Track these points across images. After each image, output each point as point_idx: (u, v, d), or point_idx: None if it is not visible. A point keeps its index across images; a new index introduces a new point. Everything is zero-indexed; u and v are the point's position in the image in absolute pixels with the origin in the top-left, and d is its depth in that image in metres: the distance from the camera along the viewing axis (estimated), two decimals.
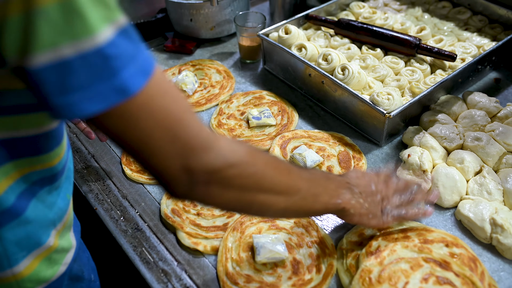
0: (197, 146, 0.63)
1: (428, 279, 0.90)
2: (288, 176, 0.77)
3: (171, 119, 0.60)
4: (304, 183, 0.79)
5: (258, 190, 0.73)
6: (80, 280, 0.98)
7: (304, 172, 0.83)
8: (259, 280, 0.96)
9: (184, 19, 1.63)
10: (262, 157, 0.74)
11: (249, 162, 0.70)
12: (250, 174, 0.70)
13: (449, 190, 1.09)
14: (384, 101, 1.19)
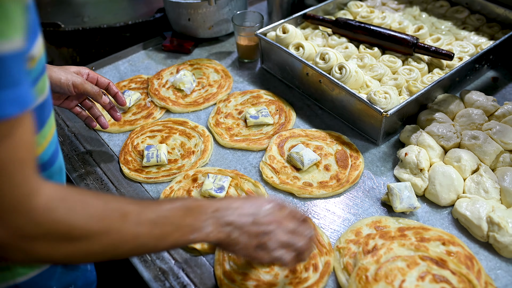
0: (5, 208, 0.58)
1: (424, 277, 0.90)
2: (122, 228, 0.70)
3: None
4: (143, 229, 0.71)
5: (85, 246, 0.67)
6: (75, 269, 1.00)
7: (148, 214, 0.73)
8: (256, 278, 0.96)
9: (182, 19, 1.63)
10: (87, 212, 0.66)
11: (66, 221, 0.64)
12: (65, 233, 0.64)
13: (446, 188, 1.09)
14: (381, 100, 1.19)
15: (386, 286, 0.89)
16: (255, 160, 1.25)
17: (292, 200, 1.14)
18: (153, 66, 1.60)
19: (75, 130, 1.35)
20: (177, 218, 0.76)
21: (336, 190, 1.14)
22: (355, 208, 1.12)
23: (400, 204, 1.07)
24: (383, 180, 1.18)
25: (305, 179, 1.17)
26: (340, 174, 1.18)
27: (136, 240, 0.71)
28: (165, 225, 0.74)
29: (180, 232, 0.76)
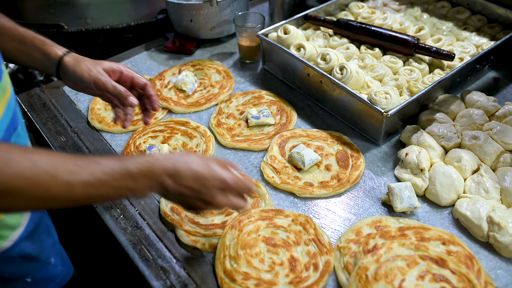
0: None
1: (424, 277, 0.91)
2: (50, 187, 0.71)
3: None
4: (76, 189, 0.73)
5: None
6: (35, 260, 1.03)
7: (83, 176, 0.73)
8: (256, 277, 0.97)
9: (184, 20, 1.64)
10: (12, 170, 0.68)
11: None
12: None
13: (447, 188, 1.10)
14: (382, 100, 1.20)
15: (386, 285, 0.89)
16: (256, 160, 1.25)
17: (293, 200, 1.14)
18: (155, 67, 1.61)
19: (77, 130, 1.36)
20: (117, 182, 0.77)
21: (337, 190, 1.15)
22: (355, 208, 1.12)
23: (401, 204, 1.07)
24: (383, 180, 1.18)
25: (306, 179, 1.18)
26: (341, 174, 1.18)
27: (67, 198, 0.73)
28: (102, 187, 0.76)
29: (117, 192, 0.79)
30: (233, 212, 1.10)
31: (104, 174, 0.75)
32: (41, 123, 1.38)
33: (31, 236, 1.00)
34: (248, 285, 0.95)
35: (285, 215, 1.08)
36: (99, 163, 0.76)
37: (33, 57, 1.07)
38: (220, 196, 0.88)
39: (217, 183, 0.86)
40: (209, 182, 0.85)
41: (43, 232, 1.06)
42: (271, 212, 1.09)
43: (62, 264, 1.13)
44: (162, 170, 0.81)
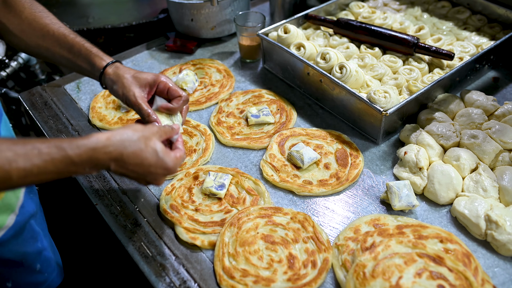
0: None
1: (421, 274, 0.91)
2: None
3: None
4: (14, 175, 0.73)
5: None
6: (16, 265, 1.03)
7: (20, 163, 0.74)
8: (255, 274, 0.97)
9: (185, 19, 1.64)
10: None
11: None
12: None
13: (445, 187, 1.10)
14: (381, 99, 1.20)
15: (383, 283, 0.90)
16: (256, 159, 1.26)
17: (292, 198, 1.15)
18: (156, 66, 1.62)
19: (78, 128, 1.37)
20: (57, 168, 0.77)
21: (336, 188, 1.15)
22: (354, 206, 1.13)
23: (399, 202, 1.08)
24: (382, 178, 1.19)
25: (305, 177, 1.18)
26: (340, 173, 1.19)
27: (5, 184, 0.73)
28: (42, 174, 0.75)
29: (58, 176, 0.79)
30: (232, 210, 1.11)
31: (43, 162, 0.75)
32: (42, 121, 1.39)
33: (12, 242, 1.00)
34: (247, 282, 0.96)
35: (284, 213, 1.09)
36: (39, 150, 0.75)
37: (80, 66, 1.10)
38: (162, 179, 0.93)
39: (161, 171, 0.90)
40: (154, 169, 0.89)
41: (29, 238, 1.06)
42: (270, 210, 1.09)
43: (50, 271, 1.13)
44: (106, 156, 0.82)
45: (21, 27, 1.09)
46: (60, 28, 1.10)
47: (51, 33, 1.08)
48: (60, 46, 1.08)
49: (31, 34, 1.09)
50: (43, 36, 1.09)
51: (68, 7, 1.85)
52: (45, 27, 1.09)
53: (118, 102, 1.41)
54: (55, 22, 1.10)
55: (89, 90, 1.51)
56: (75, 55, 1.09)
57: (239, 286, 0.95)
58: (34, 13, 1.10)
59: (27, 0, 1.11)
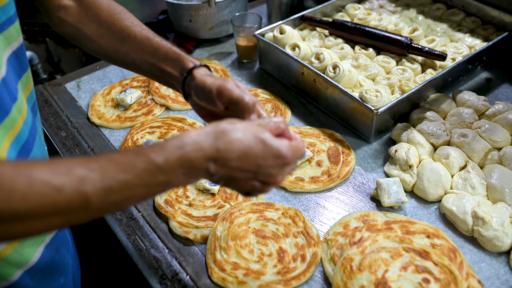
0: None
1: (407, 268, 0.93)
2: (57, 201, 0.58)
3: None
4: (95, 198, 0.60)
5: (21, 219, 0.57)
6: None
7: (97, 181, 0.60)
8: (245, 267, 1.00)
9: (183, 20, 1.67)
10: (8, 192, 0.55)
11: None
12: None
13: (434, 184, 1.12)
14: (373, 98, 1.23)
15: (369, 276, 0.92)
16: None
17: (284, 194, 1.17)
18: None
19: (77, 125, 1.40)
20: (143, 180, 0.64)
21: (327, 185, 1.18)
22: (344, 202, 1.15)
23: (388, 198, 1.10)
24: (373, 176, 1.21)
25: (297, 174, 1.21)
26: (332, 170, 1.21)
27: (85, 210, 0.60)
28: (127, 190, 0.62)
29: (149, 190, 0.66)
30: (225, 205, 1.14)
31: (123, 173, 0.61)
32: (42, 119, 1.43)
33: (37, 276, 0.89)
34: (237, 275, 0.98)
35: (276, 209, 1.11)
36: (116, 161, 0.62)
37: (164, 70, 0.97)
38: (279, 176, 0.74)
39: (273, 161, 0.72)
40: (264, 160, 0.71)
41: (54, 272, 0.95)
42: (262, 206, 1.12)
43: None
44: (200, 154, 0.66)
45: (99, 32, 1.00)
46: (143, 31, 0.99)
47: (133, 36, 0.98)
48: (142, 50, 0.97)
49: (109, 38, 0.99)
50: (123, 40, 0.98)
51: None
52: (125, 30, 0.98)
53: (116, 101, 1.44)
54: (136, 24, 1.00)
55: (89, 88, 1.54)
56: (160, 59, 0.96)
57: (229, 279, 0.98)
58: (113, 15, 1.00)
59: (105, 1, 1.03)
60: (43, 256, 0.90)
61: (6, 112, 0.76)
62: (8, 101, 0.77)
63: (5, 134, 0.74)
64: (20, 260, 0.84)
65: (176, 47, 0.98)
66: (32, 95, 0.93)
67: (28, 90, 0.90)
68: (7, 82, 0.77)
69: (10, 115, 0.77)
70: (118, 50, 1.00)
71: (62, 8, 1.01)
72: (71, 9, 1.02)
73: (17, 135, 0.79)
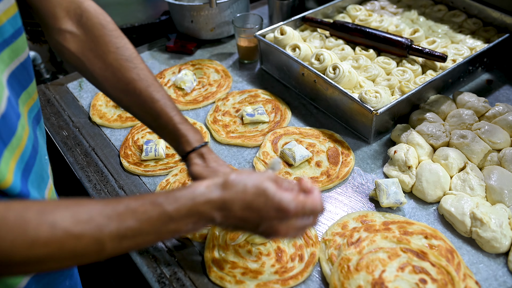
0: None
1: (404, 268, 0.93)
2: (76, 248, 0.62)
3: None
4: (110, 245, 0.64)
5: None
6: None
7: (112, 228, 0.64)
8: (243, 266, 1.00)
9: (185, 21, 1.68)
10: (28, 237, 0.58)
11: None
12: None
13: (433, 185, 1.12)
14: (372, 99, 1.23)
15: (367, 276, 0.92)
16: (249, 156, 1.29)
17: None
18: (157, 66, 1.65)
19: (79, 125, 1.41)
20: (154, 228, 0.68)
21: (326, 186, 1.18)
22: (343, 203, 1.15)
23: (387, 199, 1.10)
24: (372, 176, 1.21)
25: (296, 175, 1.21)
26: (331, 170, 1.21)
27: (99, 254, 0.65)
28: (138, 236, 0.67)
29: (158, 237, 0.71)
30: None
31: (138, 223, 0.66)
32: (45, 118, 1.44)
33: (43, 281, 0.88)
34: (235, 274, 0.99)
35: None
36: (132, 209, 0.66)
37: (163, 136, 1.00)
38: (281, 226, 0.75)
39: (274, 213, 0.74)
40: (266, 213, 0.73)
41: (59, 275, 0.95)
42: None
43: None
44: (207, 205, 0.71)
45: (104, 74, 0.94)
46: (148, 89, 0.94)
47: (138, 92, 0.94)
48: (144, 110, 0.96)
49: (114, 85, 0.95)
50: (127, 92, 0.95)
51: None
52: (130, 83, 0.94)
53: None
54: (143, 78, 0.94)
55: (91, 88, 1.55)
56: (160, 126, 0.97)
57: (227, 278, 0.98)
58: (120, 60, 0.94)
59: (114, 40, 0.95)
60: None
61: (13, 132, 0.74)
62: (14, 120, 0.75)
63: (11, 154, 0.73)
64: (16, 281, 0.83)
65: (179, 116, 0.96)
66: (37, 104, 0.89)
67: (33, 100, 0.87)
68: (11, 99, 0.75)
69: (17, 134, 0.75)
70: (121, 99, 0.97)
71: (64, 33, 0.93)
72: (72, 36, 0.94)
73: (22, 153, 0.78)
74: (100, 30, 0.94)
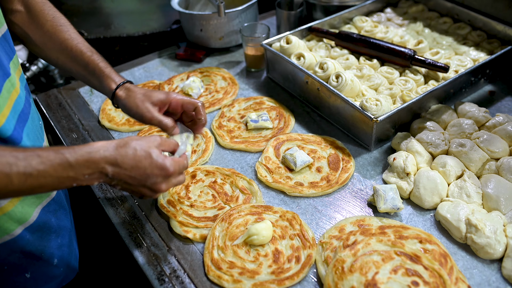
0: None
1: (397, 271, 0.95)
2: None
3: None
4: (16, 180, 0.76)
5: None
6: (35, 258, 1.06)
7: (21, 168, 0.76)
8: (241, 266, 1.03)
9: (195, 29, 1.73)
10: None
11: None
12: None
13: (430, 192, 1.14)
14: (372, 106, 1.26)
15: (360, 277, 0.94)
16: (252, 161, 1.32)
17: (283, 198, 1.20)
18: (166, 72, 1.70)
19: (88, 128, 1.46)
20: (56, 172, 0.79)
21: (326, 190, 1.21)
22: (342, 207, 1.17)
23: (384, 204, 1.12)
24: (371, 183, 1.24)
25: (297, 179, 1.24)
26: (331, 176, 1.24)
27: (7, 189, 0.75)
28: (42, 177, 0.78)
29: (59, 182, 0.81)
30: (225, 207, 1.17)
31: (42, 165, 0.77)
32: (55, 121, 1.49)
33: (36, 234, 1.03)
34: (233, 273, 1.01)
35: (274, 211, 1.14)
36: (38, 154, 0.78)
37: (93, 84, 1.15)
38: (163, 184, 0.93)
39: (158, 171, 0.91)
40: (150, 171, 0.90)
41: (51, 232, 1.09)
42: (260, 208, 1.15)
43: (66, 266, 1.16)
44: (102, 159, 0.84)
45: (43, 39, 1.13)
46: (78, 44, 1.13)
47: (69, 48, 1.12)
48: (76, 62, 1.13)
49: (51, 47, 1.13)
50: (61, 51, 1.13)
51: (88, 16, 1.95)
52: (63, 42, 1.12)
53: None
54: (74, 37, 1.13)
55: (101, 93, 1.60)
56: (89, 73, 1.13)
57: (225, 277, 1.01)
58: (55, 26, 1.13)
59: (50, 12, 1.15)
60: (40, 216, 1.04)
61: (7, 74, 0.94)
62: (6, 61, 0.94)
63: (6, 99, 0.91)
64: (21, 217, 0.99)
65: (105, 62, 1.14)
66: (23, 77, 1.09)
67: (19, 71, 1.07)
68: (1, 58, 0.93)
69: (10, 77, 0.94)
70: (58, 58, 1.15)
71: (14, 12, 1.12)
72: (20, 14, 1.13)
73: (15, 103, 0.95)
74: (41, 6, 1.14)
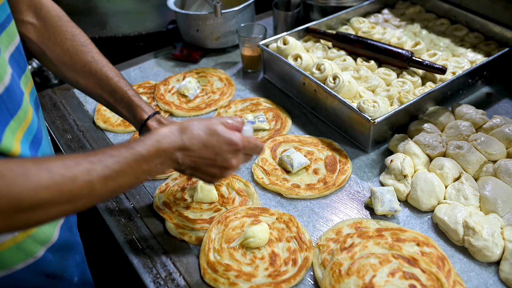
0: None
1: (395, 274, 0.94)
2: (73, 189, 0.70)
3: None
4: (98, 185, 0.72)
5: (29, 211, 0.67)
6: (57, 278, 1.01)
7: (99, 171, 0.73)
8: (237, 269, 1.02)
9: (191, 30, 1.72)
10: (31, 183, 0.66)
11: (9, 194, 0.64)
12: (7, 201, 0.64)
13: (427, 194, 1.14)
14: (370, 108, 1.25)
15: (357, 280, 0.94)
16: (248, 163, 1.31)
17: (279, 200, 1.19)
18: (162, 73, 1.69)
19: (83, 129, 1.44)
20: (132, 168, 0.77)
21: (322, 192, 1.20)
22: (339, 209, 1.17)
23: (381, 207, 1.11)
24: (369, 185, 1.23)
25: (293, 181, 1.23)
26: (328, 178, 1.23)
27: (90, 196, 0.72)
28: (121, 177, 0.76)
29: (136, 177, 0.79)
30: (222, 209, 1.16)
31: (119, 164, 0.75)
32: (50, 121, 1.47)
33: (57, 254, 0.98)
34: (229, 276, 1.00)
35: (270, 214, 1.13)
36: (111, 154, 0.75)
37: (120, 112, 1.11)
38: (233, 159, 0.90)
39: (226, 147, 0.88)
40: (219, 149, 0.88)
41: (70, 250, 1.04)
42: (257, 210, 1.14)
43: (85, 283, 1.12)
44: (171, 146, 0.83)
45: (62, 59, 1.06)
46: (103, 69, 1.07)
47: (93, 73, 1.07)
48: (101, 88, 1.07)
49: (71, 68, 1.07)
50: (84, 74, 1.07)
51: (83, 16, 1.94)
52: (87, 64, 1.06)
53: None
54: (98, 60, 1.08)
55: None
56: (116, 100, 1.08)
57: (221, 280, 1.00)
58: (76, 46, 1.07)
59: (69, 29, 1.07)
60: (61, 235, 0.99)
61: (18, 104, 0.85)
62: (19, 94, 0.85)
63: (18, 125, 0.84)
64: (44, 238, 0.94)
65: (133, 91, 1.09)
66: (33, 91, 1.00)
67: (31, 84, 0.98)
68: (14, 76, 0.85)
69: (22, 107, 0.86)
70: (78, 81, 1.09)
71: (26, 24, 1.04)
72: (34, 27, 1.05)
73: (29, 126, 0.88)
74: (58, 21, 1.06)
